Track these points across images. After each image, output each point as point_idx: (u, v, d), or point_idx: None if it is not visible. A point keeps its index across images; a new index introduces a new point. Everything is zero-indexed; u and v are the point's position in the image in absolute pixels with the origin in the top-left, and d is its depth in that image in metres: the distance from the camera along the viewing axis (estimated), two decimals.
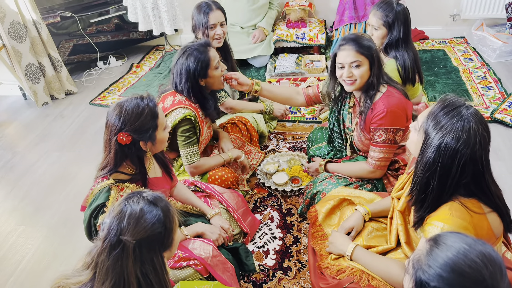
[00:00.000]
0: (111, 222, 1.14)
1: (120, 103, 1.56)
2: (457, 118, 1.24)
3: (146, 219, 1.14)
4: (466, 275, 0.88)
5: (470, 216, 1.25)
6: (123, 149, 1.55)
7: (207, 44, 2.08)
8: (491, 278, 0.87)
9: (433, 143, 1.26)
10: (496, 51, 3.60)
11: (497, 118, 2.87)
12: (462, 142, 1.22)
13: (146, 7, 3.67)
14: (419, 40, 4.10)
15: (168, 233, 1.19)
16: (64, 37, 3.84)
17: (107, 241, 1.12)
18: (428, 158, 1.27)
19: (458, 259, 0.89)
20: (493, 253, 0.90)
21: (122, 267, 1.11)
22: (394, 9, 2.28)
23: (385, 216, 1.79)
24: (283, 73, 3.56)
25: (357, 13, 3.58)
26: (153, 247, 1.15)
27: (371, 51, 1.85)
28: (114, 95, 3.68)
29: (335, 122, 2.18)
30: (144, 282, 1.13)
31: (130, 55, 4.40)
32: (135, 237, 1.11)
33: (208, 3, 2.51)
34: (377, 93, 1.90)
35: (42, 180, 2.76)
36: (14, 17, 3.28)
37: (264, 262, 2.02)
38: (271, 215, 2.28)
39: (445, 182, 1.27)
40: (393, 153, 1.97)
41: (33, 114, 3.52)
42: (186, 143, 2.11)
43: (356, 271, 1.60)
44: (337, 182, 2.07)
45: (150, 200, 1.18)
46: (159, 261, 1.17)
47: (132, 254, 1.11)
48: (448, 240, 0.94)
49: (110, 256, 1.12)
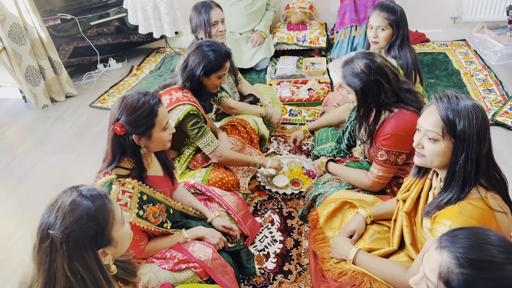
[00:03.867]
0: (43, 214, 1.10)
1: (125, 95, 1.60)
2: (462, 100, 1.28)
3: (75, 213, 1.09)
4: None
5: (479, 214, 1.25)
6: (119, 140, 1.58)
7: (228, 55, 2.17)
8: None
9: (472, 133, 1.25)
10: (497, 54, 3.59)
11: (499, 121, 2.85)
12: (484, 117, 1.26)
13: (146, 10, 3.67)
14: (420, 42, 4.10)
15: (101, 229, 1.12)
16: (65, 40, 3.84)
17: (38, 234, 1.09)
18: (475, 150, 1.26)
19: (478, 248, 0.90)
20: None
21: (51, 261, 1.07)
22: (397, 9, 2.31)
23: (386, 219, 1.78)
24: (284, 76, 3.55)
25: (358, 16, 3.58)
26: (83, 242, 1.09)
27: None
28: (114, 98, 3.67)
29: (349, 125, 2.17)
30: (74, 279, 1.08)
31: (131, 58, 4.40)
32: (63, 231, 1.07)
33: (207, 2, 2.57)
34: (388, 113, 1.84)
35: (42, 182, 2.75)
36: (14, 19, 3.27)
37: (264, 266, 2.01)
38: (272, 218, 2.26)
39: (481, 163, 1.29)
40: (393, 173, 1.93)
41: (33, 116, 3.52)
42: (200, 134, 2.15)
43: (357, 274, 1.59)
44: (339, 185, 2.05)
45: (84, 194, 1.13)
46: (91, 258, 1.11)
47: (60, 249, 1.07)
48: (454, 235, 0.94)
49: (40, 249, 1.08)
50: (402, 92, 1.83)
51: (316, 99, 3.30)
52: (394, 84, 1.80)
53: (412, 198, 1.55)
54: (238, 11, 3.75)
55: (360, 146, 2.12)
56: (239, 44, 3.78)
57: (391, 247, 1.64)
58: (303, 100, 3.31)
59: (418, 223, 1.52)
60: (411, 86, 1.90)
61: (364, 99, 1.81)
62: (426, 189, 1.50)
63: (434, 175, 1.48)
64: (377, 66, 1.76)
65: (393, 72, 1.80)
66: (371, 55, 1.81)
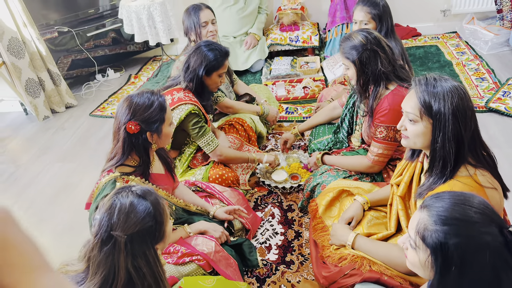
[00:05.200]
0: (102, 217, 1.15)
1: (130, 95, 1.65)
2: (441, 82, 1.32)
3: (136, 213, 1.14)
4: (475, 219, 0.93)
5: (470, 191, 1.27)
6: (131, 139, 1.62)
7: (227, 54, 2.24)
8: (493, 214, 0.94)
9: (448, 113, 1.29)
10: (488, 43, 3.64)
11: (492, 107, 2.89)
12: (464, 96, 1.29)
13: (141, 19, 3.74)
14: (412, 37, 4.15)
15: (159, 226, 1.19)
16: (63, 53, 3.91)
17: (98, 237, 1.14)
18: (453, 130, 1.29)
19: (455, 207, 0.94)
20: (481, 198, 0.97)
21: (113, 261, 1.12)
22: (380, 3, 2.36)
23: (383, 205, 1.82)
24: (279, 76, 3.60)
25: (348, 13, 3.64)
26: (145, 240, 1.15)
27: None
28: (113, 106, 3.73)
29: (347, 112, 2.23)
30: (136, 275, 1.14)
31: (128, 67, 4.47)
32: (126, 231, 1.12)
33: (197, 4, 2.66)
34: (385, 90, 1.92)
35: (45, 191, 2.79)
36: (13, 34, 3.35)
37: (267, 257, 2.04)
38: (272, 212, 2.30)
39: (463, 142, 1.31)
40: (392, 150, 1.98)
41: (34, 128, 3.57)
42: (200, 134, 2.21)
43: (357, 258, 1.62)
44: (337, 175, 2.09)
45: (139, 194, 1.19)
46: (151, 254, 1.17)
47: (124, 249, 1.12)
48: (438, 195, 0.99)
49: (101, 251, 1.13)
50: (397, 65, 1.93)
51: (311, 97, 3.35)
52: (390, 56, 1.89)
53: (405, 182, 1.59)
54: (231, 15, 3.82)
55: (358, 131, 2.17)
56: (234, 47, 3.84)
57: (389, 231, 1.68)
58: (299, 98, 3.36)
59: (412, 206, 1.55)
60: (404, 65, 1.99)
61: (362, 69, 1.89)
62: (418, 172, 1.54)
63: (424, 157, 1.52)
64: (373, 37, 1.88)
65: (388, 45, 1.90)
66: (367, 30, 1.93)
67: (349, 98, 2.23)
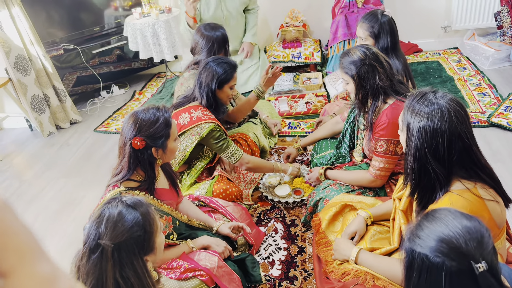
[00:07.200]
0: (90, 226, 1.15)
1: (135, 111, 1.68)
2: (426, 103, 1.35)
3: (124, 222, 1.15)
4: (444, 241, 0.93)
5: (469, 205, 1.28)
6: (136, 154, 1.63)
7: (235, 67, 2.30)
8: (466, 245, 0.92)
9: (414, 130, 1.35)
10: (489, 59, 3.67)
11: (494, 122, 2.90)
12: (438, 121, 1.31)
13: (146, 36, 3.81)
14: (413, 53, 4.19)
15: (148, 236, 1.19)
16: (68, 70, 3.97)
17: (86, 245, 1.14)
18: (415, 146, 1.34)
19: (441, 228, 0.95)
20: (477, 224, 0.95)
21: (101, 270, 1.12)
22: (379, 20, 2.37)
23: (387, 219, 1.82)
24: (281, 91, 3.64)
25: (350, 30, 3.68)
26: (133, 250, 1.15)
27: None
28: (117, 122, 3.76)
29: (348, 127, 2.25)
30: (124, 285, 1.14)
31: (132, 84, 4.52)
32: (113, 240, 1.12)
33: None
34: (384, 104, 1.94)
35: (50, 206, 2.80)
36: (19, 51, 3.41)
37: (270, 273, 2.03)
38: (275, 227, 2.30)
39: (440, 162, 1.33)
40: (394, 164, 1.99)
41: (39, 144, 3.61)
42: (225, 146, 2.26)
43: (360, 273, 1.61)
44: (340, 189, 2.10)
45: (129, 204, 1.19)
46: (140, 265, 1.17)
47: (111, 258, 1.12)
48: (437, 212, 1.00)
49: (89, 260, 1.13)
50: (395, 80, 1.96)
51: (314, 112, 3.37)
52: (388, 71, 1.93)
53: (407, 196, 1.59)
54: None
55: (359, 146, 2.18)
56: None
57: (392, 245, 1.68)
58: (301, 113, 3.38)
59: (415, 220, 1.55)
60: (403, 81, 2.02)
61: (361, 83, 1.93)
62: None
63: None
64: (372, 53, 1.92)
65: (386, 61, 1.94)
66: (366, 45, 1.97)
67: (349, 113, 2.25)
